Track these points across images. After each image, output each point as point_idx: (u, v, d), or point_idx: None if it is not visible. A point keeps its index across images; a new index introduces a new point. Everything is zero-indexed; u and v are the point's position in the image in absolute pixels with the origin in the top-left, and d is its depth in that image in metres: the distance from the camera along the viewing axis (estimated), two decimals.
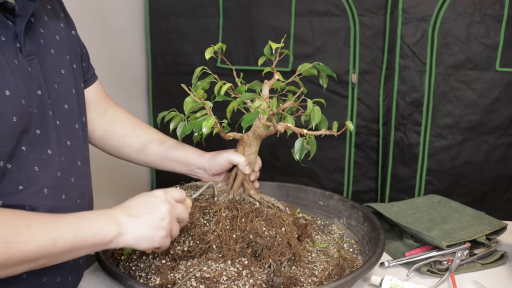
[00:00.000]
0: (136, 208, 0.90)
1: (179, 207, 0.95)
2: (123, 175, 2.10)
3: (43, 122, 0.90)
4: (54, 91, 0.94)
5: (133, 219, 0.88)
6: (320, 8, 1.96)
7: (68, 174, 0.95)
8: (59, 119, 0.95)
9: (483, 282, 1.10)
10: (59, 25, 1.00)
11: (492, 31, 1.84)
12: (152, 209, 0.90)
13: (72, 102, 0.99)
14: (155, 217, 0.90)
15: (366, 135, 2.04)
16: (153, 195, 0.93)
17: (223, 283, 0.98)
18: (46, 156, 0.90)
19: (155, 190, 0.94)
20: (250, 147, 1.14)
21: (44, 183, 0.89)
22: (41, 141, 0.89)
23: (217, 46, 1.15)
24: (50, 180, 0.90)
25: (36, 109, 0.88)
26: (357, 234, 1.24)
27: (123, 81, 2.11)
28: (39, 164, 0.89)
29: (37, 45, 0.92)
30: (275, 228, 1.05)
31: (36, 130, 0.88)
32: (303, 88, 1.08)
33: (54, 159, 0.91)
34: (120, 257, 1.10)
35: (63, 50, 0.99)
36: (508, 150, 1.93)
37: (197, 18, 2.12)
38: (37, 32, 0.93)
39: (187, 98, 1.06)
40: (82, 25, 1.15)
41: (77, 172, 0.99)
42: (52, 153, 0.91)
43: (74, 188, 0.97)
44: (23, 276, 0.87)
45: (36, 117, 0.88)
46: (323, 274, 1.03)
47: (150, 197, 0.92)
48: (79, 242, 0.82)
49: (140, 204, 0.91)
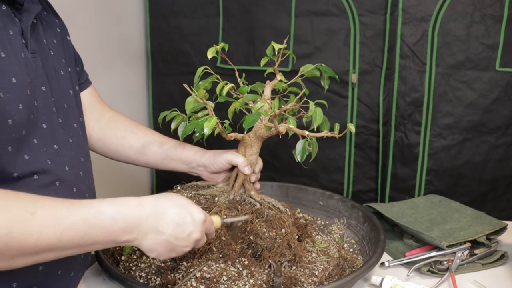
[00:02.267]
0: (167, 225, 0.84)
1: (206, 237, 0.93)
2: (123, 176, 2.10)
3: (49, 117, 0.92)
4: (56, 90, 0.96)
5: (158, 236, 0.84)
6: (320, 8, 1.96)
7: (76, 169, 0.97)
8: (61, 117, 0.97)
9: (483, 282, 1.10)
10: (55, 29, 1.04)
11: (492, 31, 1.84)
12: (181, 234, 0.86)
13: (71, 103, 1.01)
14: (179, 245, 0.87)
15: (366, 135, 2.04)
16: (193, 217, 0.87)
17: (223, 283, 0.98)
18: (53, 150, 0.91)
19: (197, 210, 0.89)
20: (251, 148, 1.14)
21: (56, 175, 0.90)
22: (49, 136, 0.91)
23: (220, 46, 1.15)
24: (60, 173, 0.91)
25: (41, 103, 0.90)
26: (357, 234, 1.25)
27: (123, 81, 2.11)
28: (50, 157, 0.90)
29: (40, 45, 0.95)
30: (275, 229, 1.05)
31: (43, 124, 0.90)
32: (305, 90, 1.08)
33: (61, 153, 0.93)
34: (120, 257, 1.10)
35: (60, 53, 1.02)
36: (508, 150, 1.93)
37: (197, 18, 2.12)
38: (39, 33, 0.96)
39: (189, 98, 1.07)
40: (82, 25, 1.15)
41: (83, 167, 1.00)
42: (59, 147, 0.93)
43: (83, 182, 0.98)
44: (39, 268, 0.88)
45: (42, 111, 0.90)
46: (323, 274, 1.04)
47: (187, 216, 0.87)
48: (88, 239, 0.77)
49: (174, 220, 0.85)
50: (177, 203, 0.87)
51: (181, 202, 0.88)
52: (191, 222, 0.87)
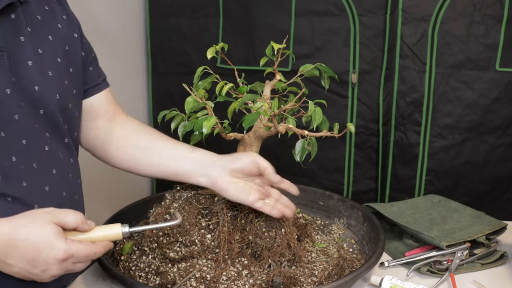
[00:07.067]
0: (17, 260, 0.77)
1: (81, 265, 0.83)
2: (123, 176, 2.10)
3: (7, 125, 0.83)
4: (31, 93, 0.88)
5: (8, 267, 0.78)
6: (320, 8, 1.96)
7: (40, 184, 0.88)
8: (37, 123, 0.88)
9: (483, 282, 1.10)
10: (55, 26, 0.96)
11: (492, 31, 1.83)
12: (33, 270, 0.78)
13: (53, 108, 0.92)
14: (36, 277, 0.79)
15: (366, 135, 2.04)
16: (48, 254, 0.77)
17: (223, 283, 0.98)
18: (9, 163, 0.83)
19: (58, 246, 0.77)
20: (250, 148, 1.14)
21: (6, 193, 0.83)
22: (4, 146, 0.83)
23: (219, 46, 1.15)
24: (13, 190, 0.83)
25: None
26: (357, 234, 1.25)
27: (123, 81, 2.10)
28: (2, 171, 0.82)
29: (14, 42, 0.86)
30: (275, 229, 1.05)
31: (0, 132, 0.82)
32: (305, 89, 1.08)
33: (18, 167, 0.84)
34: (120, 257, 1.10)
35: (55, 52, 0.94)
36: (508, 150, 1.93)
37: (197, 18, 2.12)
38: (17, 28, 0.87)
39: (188, 97, 1.07)
40: (81, 25, 1.15)
41: (53, 181, 0.91)
42: (17, 159, 0.84)
43: (48, 199, 0.89)
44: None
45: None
46: (323, 274, 1.04)
47: (43, 252, 0.77)
48: None
49: (24, 256, 0.76)
50: (35, 234, 0.77)
51: (41, 233, 0.77)
52: (44, 260, 0.78)
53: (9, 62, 0.84)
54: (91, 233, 0.84)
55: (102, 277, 1.10)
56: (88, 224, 0.84)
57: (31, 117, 0.88)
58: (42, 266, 0.78)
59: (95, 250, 0.83)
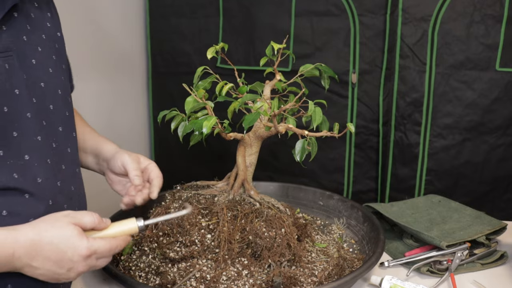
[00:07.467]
0: (43, 263, 0.79)
1: (105, 259, 0.86)
2: None
3: (21, 124, 0.84)
4: (39, 91, 0.89)
5: (34, 270, 0.80)
6: (320, 8, 1.96)
7: (54, 179, 0.90)
8: (45, 120, 0.90)
9: (483, 282, 1.10)
10: (45, 24, 0.96)
11: (492, 31, 1.83)
12: (59, 269, 0.81)
13: (58, 103, 0.94)
14: (60, 277, 0.82)
15: (366, 135, 2.04)
16: (73, 253, 0.80)
17: (223, 283, 0.98)
18: (22, 162, 0.84)
19: (80, 245, 0.81)
20: (250, 148, 1.14)
21: (24, 189, 0.84)
22: (21, 145, 0.84)
23: (219, 46, 1.15)
24: (30, 186, 0.84)
25: (12, 109, 0.83)
26: (357, 234, 1.25)
27: (123, 81, 2.11)
28: (18, 170, 0.83)
29: (19, 41, 0.87)
30: (275, 229, 1.05)
31: (13, 132, 0.83)
32: (305, 89, 1.08)
33: (32, 164, 0.86)
34: (120, 257, 1.10)
35: (50, 49, 0.95)
36: (508, 150, 1.93)
37: (197, 18, 2.12)
38: (20, 28, 0.88)
39: (189, 97, 1.07)
40: (81, 25, 1.15)
41: (63, 176, 0.93)
42: (30, 157, 0.85)
43: (61, 192, 0.91)
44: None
45: (12, 118, 0.83)
46: (323, 274, 1.04)
47: (67, 252, 0.80)
48: None
49: (50, 258, 0.79)
50: (58, 236, 0.80)
51: (63, 234, 0.80)
52: (69, 259, 0.81)
53: (18, 61, 0.85)
54: (109, 230, 0.87)
55: (102, 277, 1.10)
56: (104, 222, 0.87)
57: (43, 113, 0.90)
58: (68, 265, 0.81)
59: (116, 244, 0.86)
